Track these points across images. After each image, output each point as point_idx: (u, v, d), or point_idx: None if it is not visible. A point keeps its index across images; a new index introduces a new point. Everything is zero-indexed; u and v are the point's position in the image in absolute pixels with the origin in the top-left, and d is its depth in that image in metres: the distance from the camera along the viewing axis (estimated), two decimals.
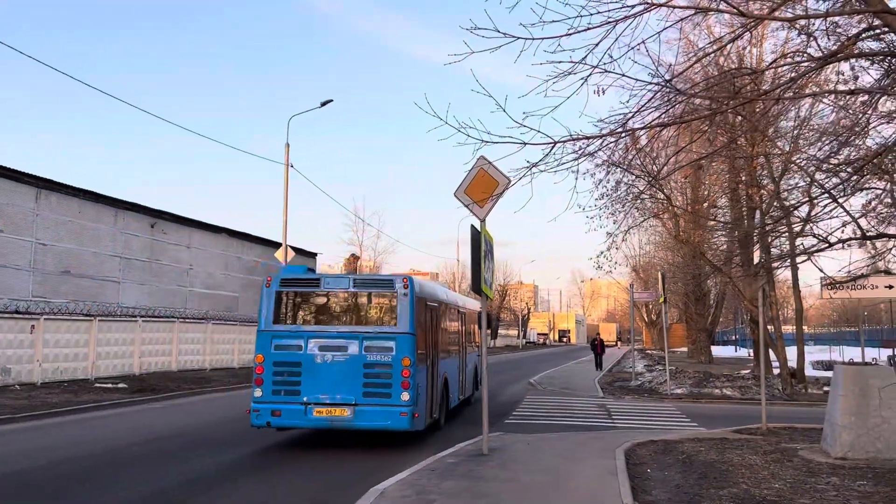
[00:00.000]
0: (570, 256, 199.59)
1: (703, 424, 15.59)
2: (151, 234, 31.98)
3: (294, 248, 31.88)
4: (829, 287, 11.06)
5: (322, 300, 12.00)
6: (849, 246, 10.39)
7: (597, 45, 6.53)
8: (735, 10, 5.74)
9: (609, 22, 6.30)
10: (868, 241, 10.58)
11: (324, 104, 30.03)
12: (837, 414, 10.10)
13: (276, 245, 36.24)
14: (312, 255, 50.09)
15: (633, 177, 25.11)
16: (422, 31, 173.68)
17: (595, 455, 10.42)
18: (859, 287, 10.68)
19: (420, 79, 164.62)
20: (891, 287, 10.60)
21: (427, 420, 12.12)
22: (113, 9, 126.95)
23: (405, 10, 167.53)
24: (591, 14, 6.27)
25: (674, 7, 6.20)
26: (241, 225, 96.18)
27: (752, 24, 6.50)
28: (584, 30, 6.33)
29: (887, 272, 10.35)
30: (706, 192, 31.11)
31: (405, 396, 10.80)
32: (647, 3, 6.23)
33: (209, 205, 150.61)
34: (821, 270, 10.33)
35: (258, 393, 11.13)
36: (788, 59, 9.88)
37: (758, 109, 12.81)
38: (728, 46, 8.13)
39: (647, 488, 8.41)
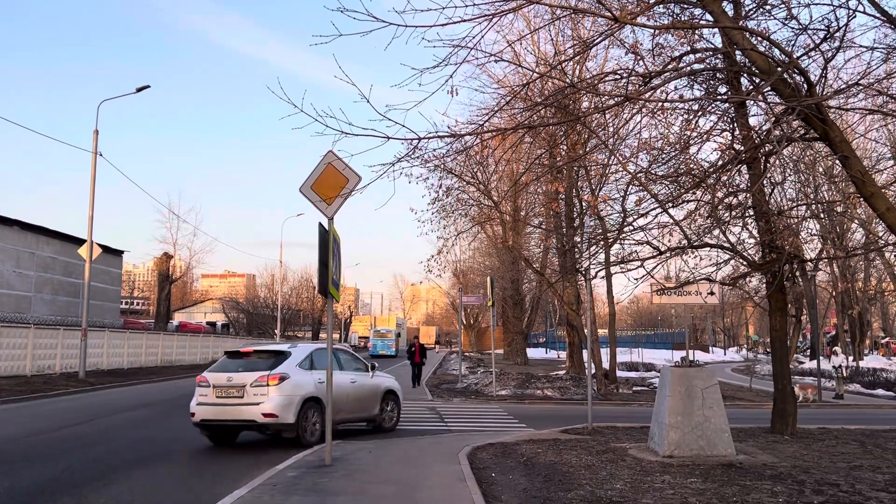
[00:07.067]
0: (393, 260, 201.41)
1: (531, 425, 15.98)
2: None
3: (100, 245, 29.17)
4: (658, 292, 11.64)
5: (381, 331, 74.01)
6: (676, 254, 10.97)
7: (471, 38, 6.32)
8: (608, 14, 5.75)
9: (485, 16, 6.10)
10: (692, 249, 11.24)
11: (139, 90, 27.78)
12: (665, 413, 10.59)
13: (79, 241, 33.04)
14: (119, 253, 46.49)
15: (465, 183, 25.68)
16: (255, 30, 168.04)
17: (439, 461, 10.23)
18: (685, 293, 11.34)
19: (249, 77, 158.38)
20: (712, 293, 11.34)
21: (396, 353, 65.48)
22: None
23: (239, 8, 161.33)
24: (466, 6, 6.04)
25: (548, 5, 6.11)
26: (44, 219, 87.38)
27: (616, 27, 6.57)
28: (459, 21, 6.09)
29: (709, 280, 11.09)
30: (524, 202, 32.37)
31: (394, 349, 68.75)
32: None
33: (4, 196, 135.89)
34: (652, 276, 10.81)
35: (371, 347, 69.44)
36: (614, 75, 10.25)
37: (580, 127, 13.40)
38: (558, 67, 8.32)
39: (496, 493, 8.30)
